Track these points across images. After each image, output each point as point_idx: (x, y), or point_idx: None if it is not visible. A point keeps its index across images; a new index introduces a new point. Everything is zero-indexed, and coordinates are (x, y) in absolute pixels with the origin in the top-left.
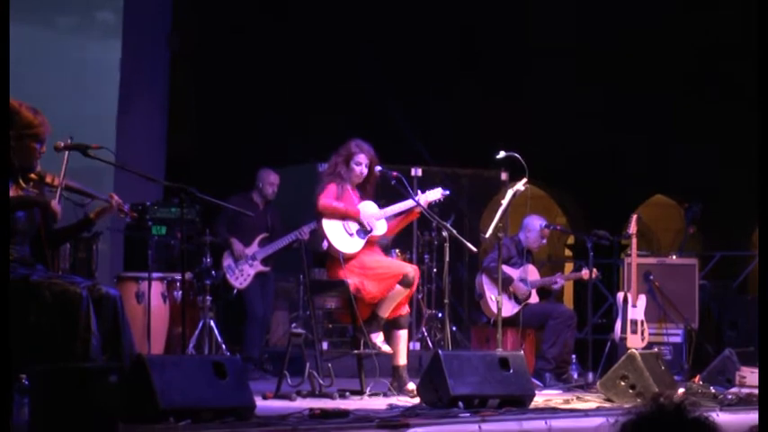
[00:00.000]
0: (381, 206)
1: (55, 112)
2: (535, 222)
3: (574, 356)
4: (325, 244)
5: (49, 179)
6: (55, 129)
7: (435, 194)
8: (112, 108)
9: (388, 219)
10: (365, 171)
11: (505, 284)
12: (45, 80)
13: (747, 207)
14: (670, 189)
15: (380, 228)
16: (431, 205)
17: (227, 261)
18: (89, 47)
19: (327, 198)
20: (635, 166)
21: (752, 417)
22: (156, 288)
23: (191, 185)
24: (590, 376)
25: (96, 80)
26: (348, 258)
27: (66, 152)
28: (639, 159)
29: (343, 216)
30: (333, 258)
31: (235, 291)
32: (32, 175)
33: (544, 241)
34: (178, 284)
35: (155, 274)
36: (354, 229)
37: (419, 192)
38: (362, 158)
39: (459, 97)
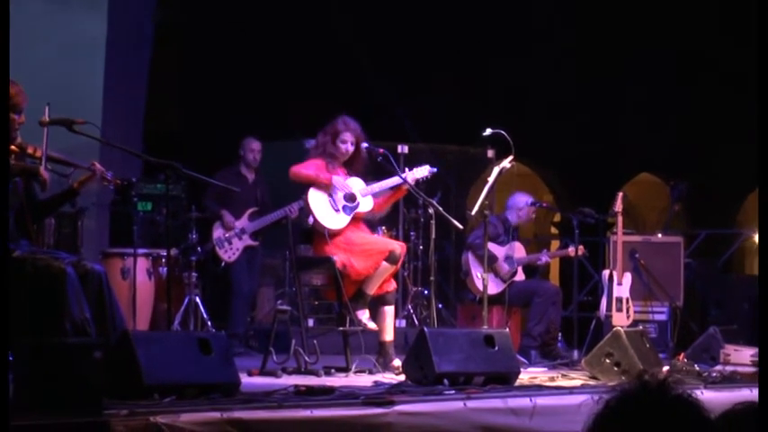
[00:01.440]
0: (368, 183)
1: (40, 85)
2: (521, 200)
3: (559, 334)
4: (310, 219)
5: (30, 150)
6: (40, 102)
7: (422, 172)
8: (98, 83)
9: (374, 195)
10: (351, 149)
11: (491, 262)
12: (30, 53)
13: (733, 186)
14: (656, 167)
15: (366, 204)
16: (417, 182)
17: (218, 233)
18: (74, 20)
19: (298, 166)
20: (621, 145)
21: (735, 394)
22: (142, 264)
23: (176, 161)
24: (575, 354)
25: (82, 54)
26: (334, 234)
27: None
28: (626, 138)
29: (313, 182)
30: (318, 234)
31: (222, 264)
32: (13, 147)
33: (530, 220)
34: (163, 260)
35: (140, 251)
36: (341, 205)
37: (406, 169)
38: (348, 136)
39: (445, 74)
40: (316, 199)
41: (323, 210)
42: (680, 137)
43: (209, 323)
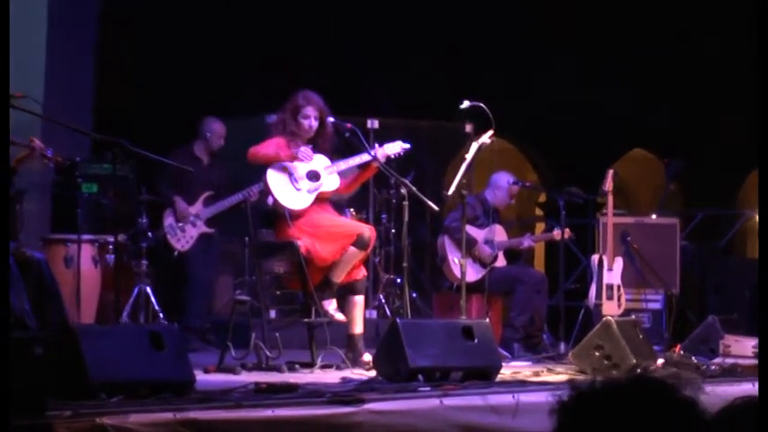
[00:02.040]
0: (335, 162)
1: None
2: (503, 179)
3: (545, 325)
4: (270, 200)
5: None
6: None
7: (394, 148)
8: (40, 54)
9: (341, 174)
10: (314, 124)
11: (470, 246)
12: None
13: (733, 162)
14: (650, 143)
15: (331, 183)
16: (389, 160)
17: (169, 220)
18: None
19: (257, 147)
20: (612, 119)
21: (737, 389)
22: (87, 251)
23: (127, 139)
24: (562, 346)
25: (22, 21)
26: (296, 216)
27: None
28: (617, 111)
29: (274, 159)
30: (280, 217)
31: (176, 253)
32: None
33: (513, 201)
34: (111, 247)
35: (85, 237)
36: (304, 185)
37: (376, 145)
38: (310, 111)
39: (420, 44)
40: (275, 178)
41: (283, 189)
42: (676, 109)
43: (161, 315)
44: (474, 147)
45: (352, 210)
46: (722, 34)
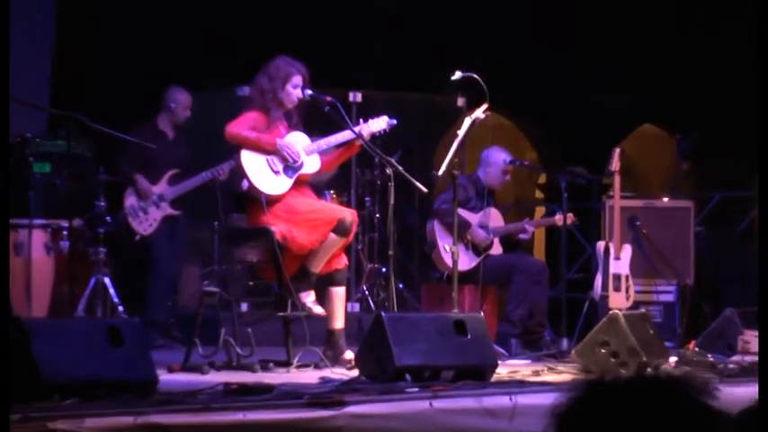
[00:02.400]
0: (314, 139)
1: None
2: (497, 156)
3: (545, 319)
4: (245, 183)
5: None
6: None
7: (379, 124)
8: None
9: (321, 154)
10: (301, 95)
11: (462, 231)
12: None
13: (752, 139)
14: (660, 117)
15: (312, 165)
16: (374, 137)
17: (130, 200)
18: None
19: (236, 126)
20: (619, 91)
21: (756, 389)
22: (39, 237)
23: (85, 113)
24: (564, 343)
25: None
26: (272, 201)
27: None
28: (625, 82)
29: (256, 147)
30: (254, 201)
31: (137, 237)
32: None
33: (507, 178)
34: (65, 233)
35: (37, 221)
36: (281, 166)
37: (360, 121)
38: (299, 80)
39: (407, 8)
40: (251, 160)
41: (259, 172)
42: (689, 80)
43: (120, 308)
44: (467, 122)
45: (332, 192)
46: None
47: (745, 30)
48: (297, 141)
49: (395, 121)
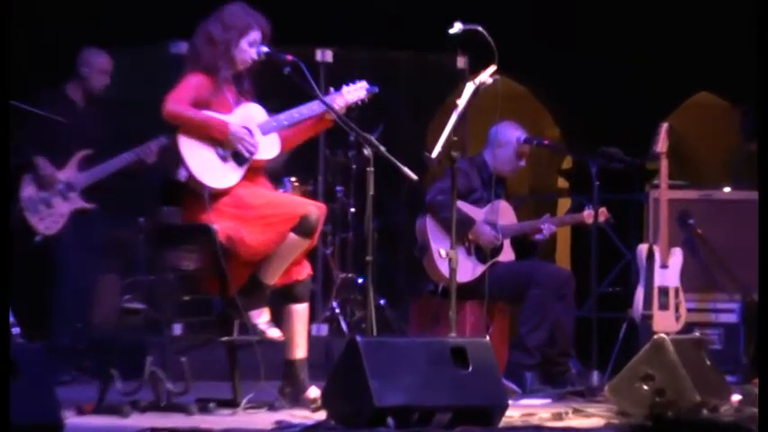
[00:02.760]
0: (272, 113)
1: None
2: (509, 134)
3: (570, 346)
4: (182, 173)
5: None
6: None
7: (356, 93)
8: None
9: (281, 131)
10: (255, 55)
11: (463, 231)
12: None
13: None
14: (720, 84)
15: (270, 148)
16: (349, 109)
17: (28, 190)
18: None
19: (178, 99)
20: (666, 50)
21: None
22: None
23: None
24: (594, 377)
25: None
26: (217, 195)
27: None
28: (673, 39)
29: (202, 130)
30: (193, 194)
31: (38, 238)
32: None
33: (522, 163)
34: None
35: None
36: (230, 151)
37: (330, 89)
38: (257, 36)
39: None
40: (190, 142)
41: (202, 159)
42: (756, 36)
43: (15, 331)
44: (469, 89)
45: (293, 179)
46: None
47: None
48: (251, 117)
49: (376, 89)
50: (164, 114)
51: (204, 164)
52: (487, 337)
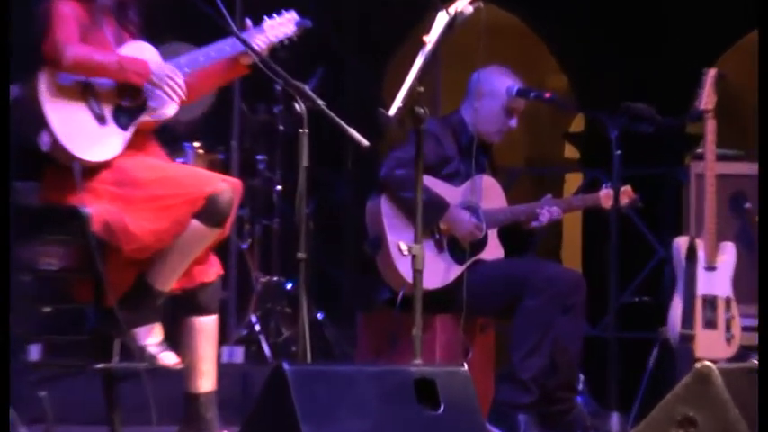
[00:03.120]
0: (168, 55)
1: None
2: (497, 83)
3: (581, 376)
4: (44, 140)
5: None
6: None
7: (283, 27)
8: None
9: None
10: None
11: (432, 217)
12: None
13: None
14: None
15: (167, 104)
16: (275, 50)
17: None
18: None
19: (73, 42)
20: None
21: None
22: None
23: None
24: (614, 420)
25: None
26: (92, 168)
27: None
28: None
29: (115, 76)
30: (58, 166)
31: None
32: None
33: (514, 123)
34: None
35: None
36: (109, 108)
37: (247, 23)
38: None
39: None
40: (55, 95)
41: (72, 119)
42: None
43: None
44: (441, 20)
45: (197, 145)
46: None
47: None
48: (148, 58)
49: (309, 22)
50: (62, 64)
51: (74, 125)
52: (465, 366)
